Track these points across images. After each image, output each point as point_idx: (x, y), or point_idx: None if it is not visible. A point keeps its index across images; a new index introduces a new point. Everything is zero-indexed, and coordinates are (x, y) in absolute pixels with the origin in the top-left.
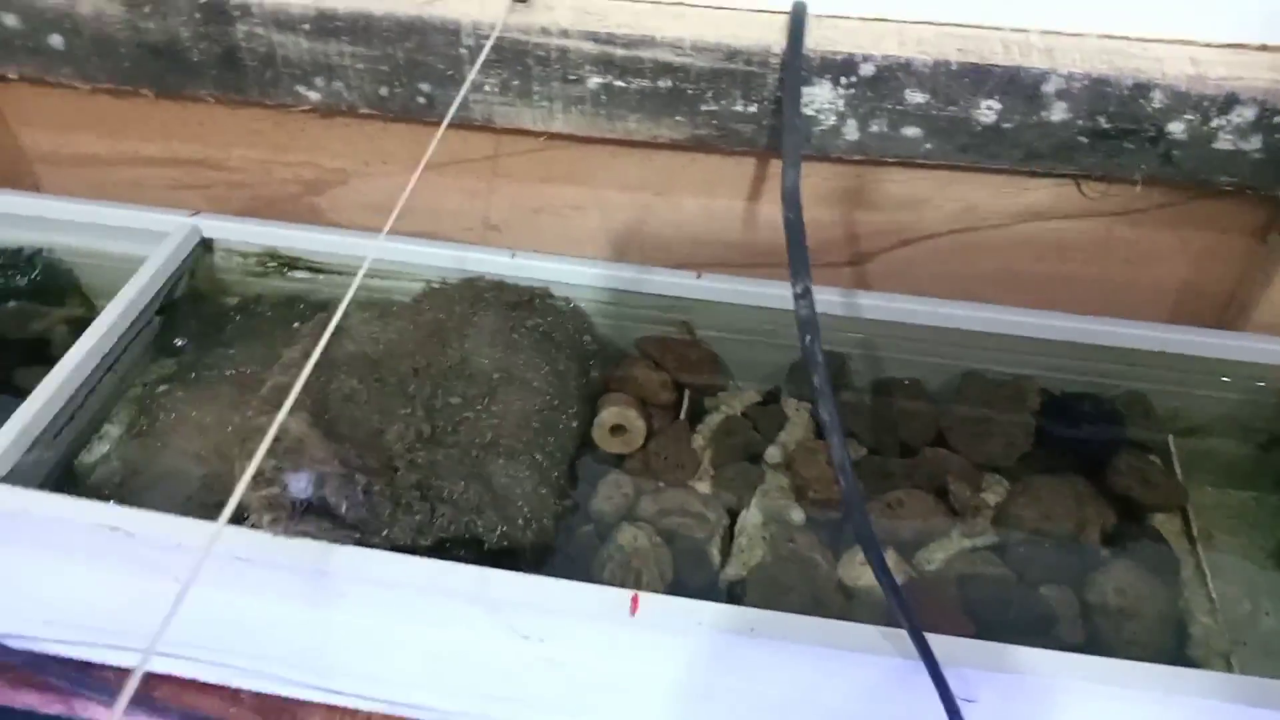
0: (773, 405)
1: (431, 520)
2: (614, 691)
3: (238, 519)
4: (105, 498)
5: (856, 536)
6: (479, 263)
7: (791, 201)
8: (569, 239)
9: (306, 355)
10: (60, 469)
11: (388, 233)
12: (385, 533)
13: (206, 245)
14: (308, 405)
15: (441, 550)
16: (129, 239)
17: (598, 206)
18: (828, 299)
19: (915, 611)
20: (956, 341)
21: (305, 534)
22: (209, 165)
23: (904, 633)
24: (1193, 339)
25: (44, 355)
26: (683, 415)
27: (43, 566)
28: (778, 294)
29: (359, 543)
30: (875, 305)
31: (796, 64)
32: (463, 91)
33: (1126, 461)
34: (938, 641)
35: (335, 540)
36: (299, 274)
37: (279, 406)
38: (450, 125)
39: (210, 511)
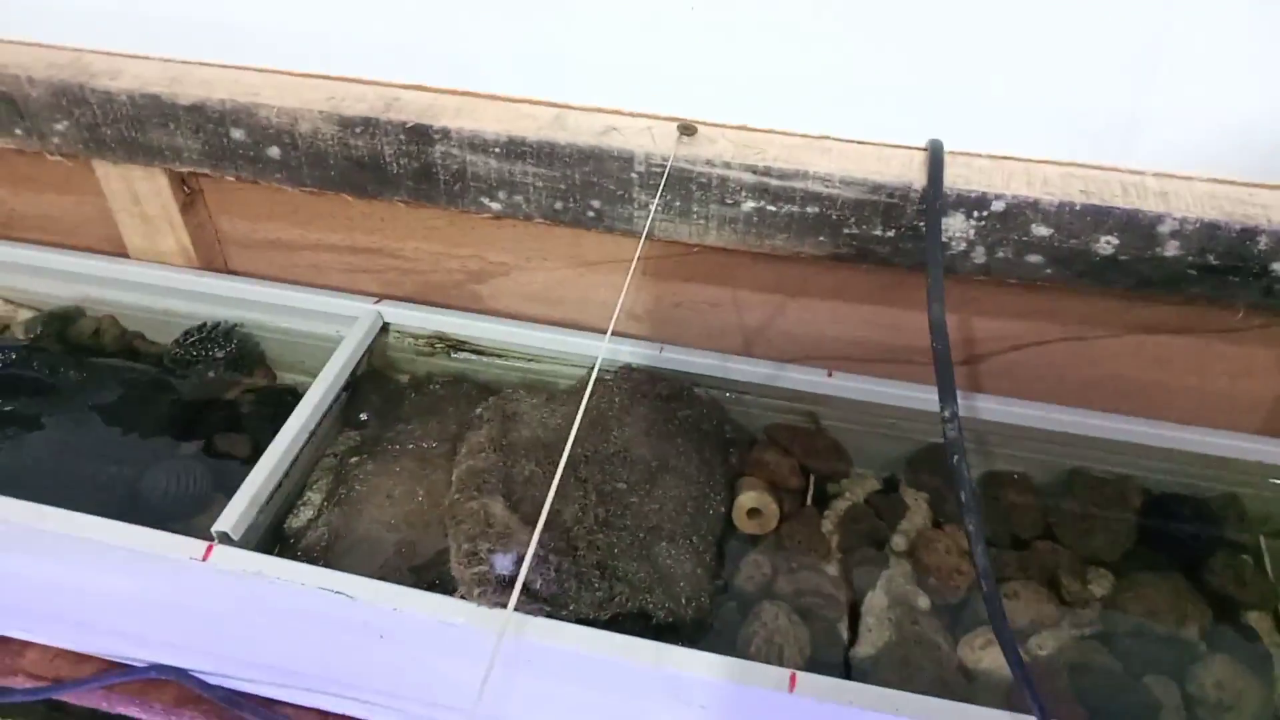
0: (893, 494)
1: (610, 597)
2: None
3: (440, 583)
4: (314, 560)
5: (996, 633)
6: (630, 354)
7: (939, 333)
8: (705, 333)
9: (490, 441)
10: (272, 532)
11: (613, 335)
12: (571, 607)
13: (383, 328)
14: (500, 489)
15: (616, 624)
16: (316, 320)
17: (734, 304)
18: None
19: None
20: (1063, 443)
21: (501, 606)
22: (386, 254)
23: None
24: None
25: (237, 421)
26: (809, 500)
27: (259, 620)
28: (899, 394)
29: (549, 615)
30: (989, 407)
31: (937, 204)
32: (646, 225)
33: (1222, 561)
34: None
35: (530, 613)
36: (463, 355)
37: (480, 490)
38: (611, 232)
39: (403, 576)
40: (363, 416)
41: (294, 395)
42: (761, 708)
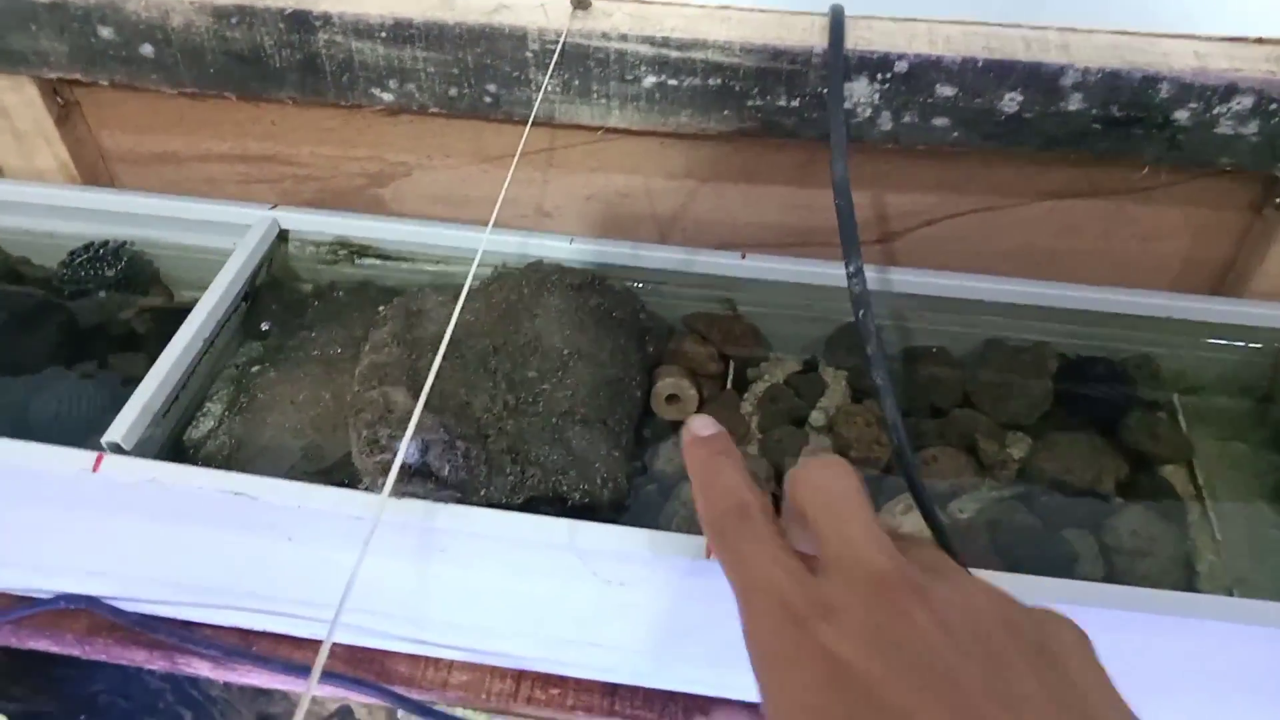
0: (812, 374)
1: (522, 481)
2: (686, 632)
3: (350, 483)
4: (217, 469)
5: (909, 485)
6: (539, 248)
7: (842, 190)
8: (618, 224)
9: (394, 336)
10: (171, 443)
11: (491, 225)
12: (483, 492)
13: (281, 236)
14: (404, 381)
15: (530, 508)
16: (209, 231)
17: (645, 193)
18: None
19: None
20: (978, 312)
21: (413, 495)
22: (280, 161)
23: None
24: (1194, 305)
25: (133, 342)
26: (729, 384)
27: (161, 533)
28: (815, 271)
29: (459, 502)
30: (904, 280)
31: (839, 63)
32: (535, 105)
33: (1137, 419)
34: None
35: (439, 500)
36: (368, 261)
37: (382, 381)
38: (510, 121)
39: (312, 479)
40: (264, 326)
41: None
42: (679, 577)
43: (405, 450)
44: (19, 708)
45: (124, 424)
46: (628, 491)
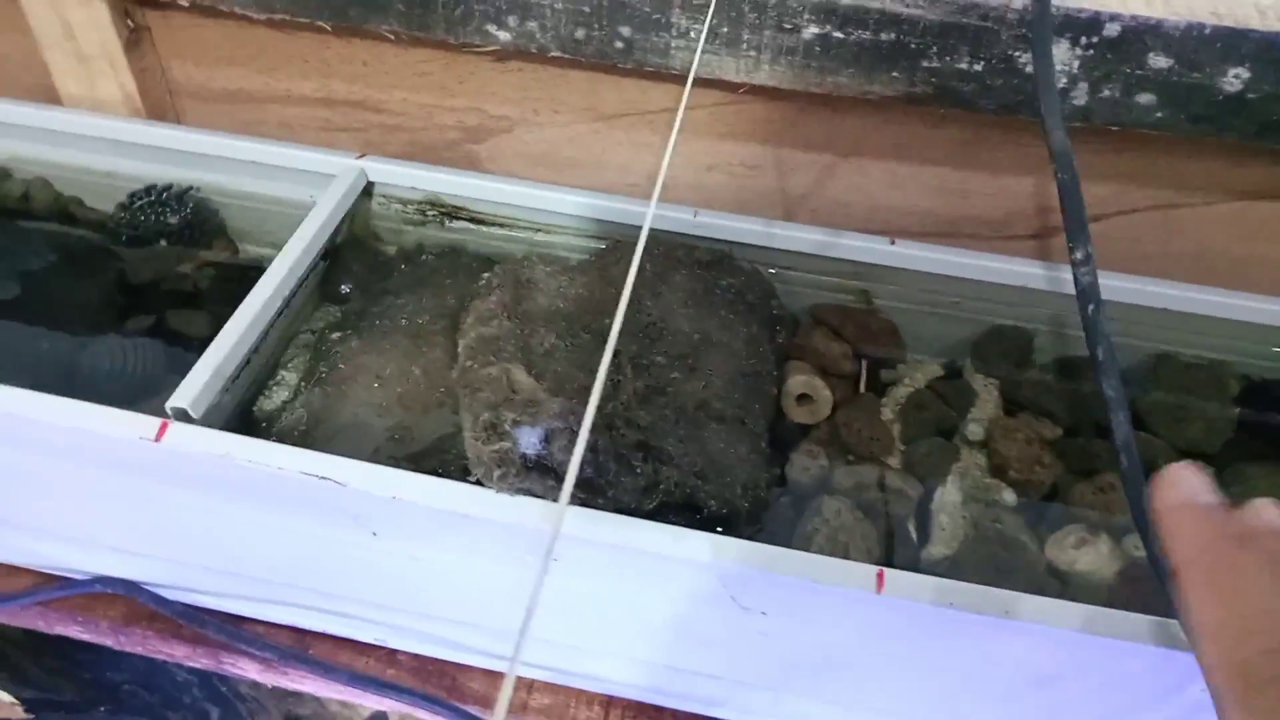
0: (958, 380)
1: (655, 483)
2: (849, 667)
3: (443, 472)
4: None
5: (1135, 520)
6: (660, 219)
7: (1064, 162)
8: (739, 201)
9: (503, 307)
10: (240, 414)
11: (657, 195)
12: (610, 494)
13: (366, 190)
14: (520, 359)
15: (659, 515)
16: (285, 179)
17: (776, 166)
18: (1011, 269)
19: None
20: (1148, 322)
21: (529, 492)
22: (367, 107)
23: (1173, 622)
24: None
25: (195, 298)
26: (863, 387)
27: (222, 514)
28: (970, 264)
29: (582, 503)
30: (1063, 279)
31: (1048, 18)
32: (697, 51)
33: None
34: None
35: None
36: (460, 224)
37: (499, 357)
38: (639, 74)
39: (400, 464)
40: (345, 289)
41: (260, 271)
42: (841, 610)
43: (533, 438)
44: (34, 694)
45: (192, 389)
46: (769, 502)
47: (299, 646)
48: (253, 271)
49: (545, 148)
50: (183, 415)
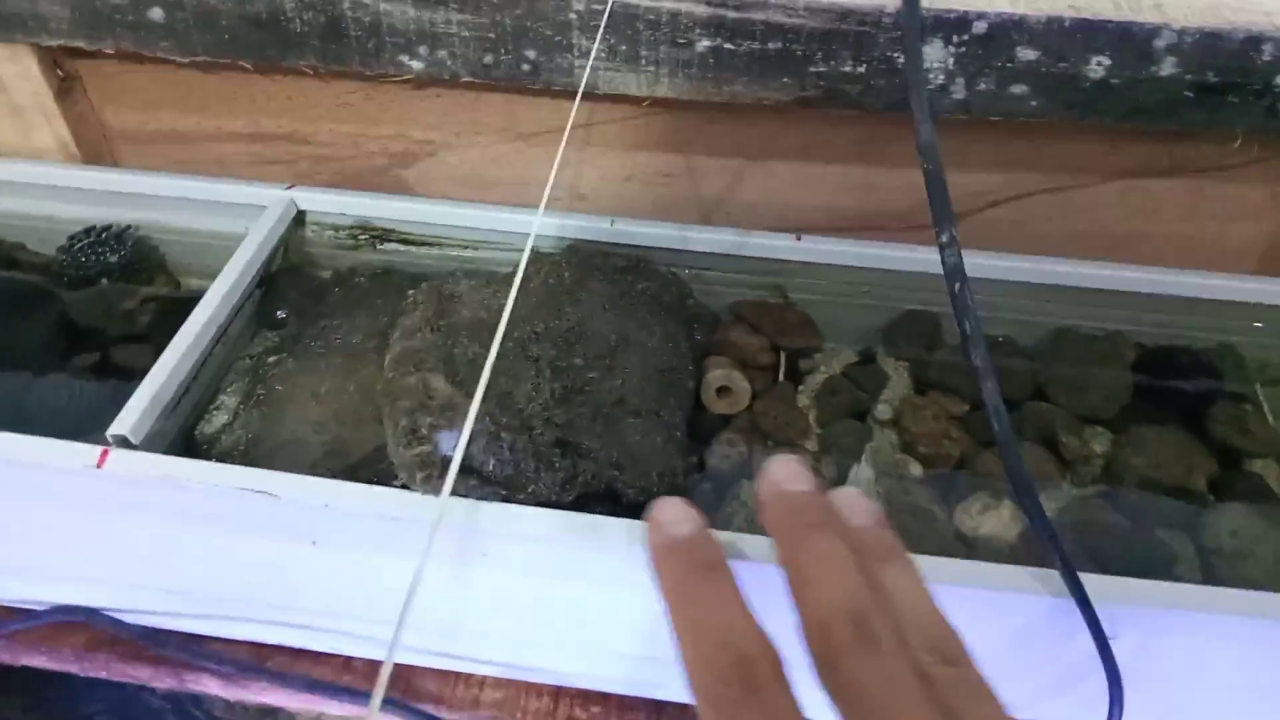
0: (871, 365)
1: (574, 476)
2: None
3: (379, 480)
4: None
5: (1011, 476)
6: (578, 230)
7: (930, 154)
8: (658, 207)
9: (426, 321)
10: (182, 439)
11: (543, 206)
12: (530, 489)
13: (298, 219)
14: (441, 369)
15: (580, 506)
16: (220, 213)
17: (688, 173)
18: (916, 256)
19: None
20: (1045, 299)
21: (455, 493)
22: (297, 139)
23: (1053, 572)
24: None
25: (137, 333)
26: (781, 376)
27: (170, 537)
28: (875, 254)
29: (504, 499)
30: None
31: (918, 19)
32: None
33: (1223, 411)
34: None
35: (485, 497)
36: (391, 246)
37: (418, 367)
38: (548, 94)
39: (336, 476)
40: (280, 314)
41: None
42: (747, 583)
43: (452, 442)
44: (9, 717)
45: (131, 416)
46: (685, 489)
47: (257, 660)
48: (193, 304)
49: (469, 169)
50: (123, 442)
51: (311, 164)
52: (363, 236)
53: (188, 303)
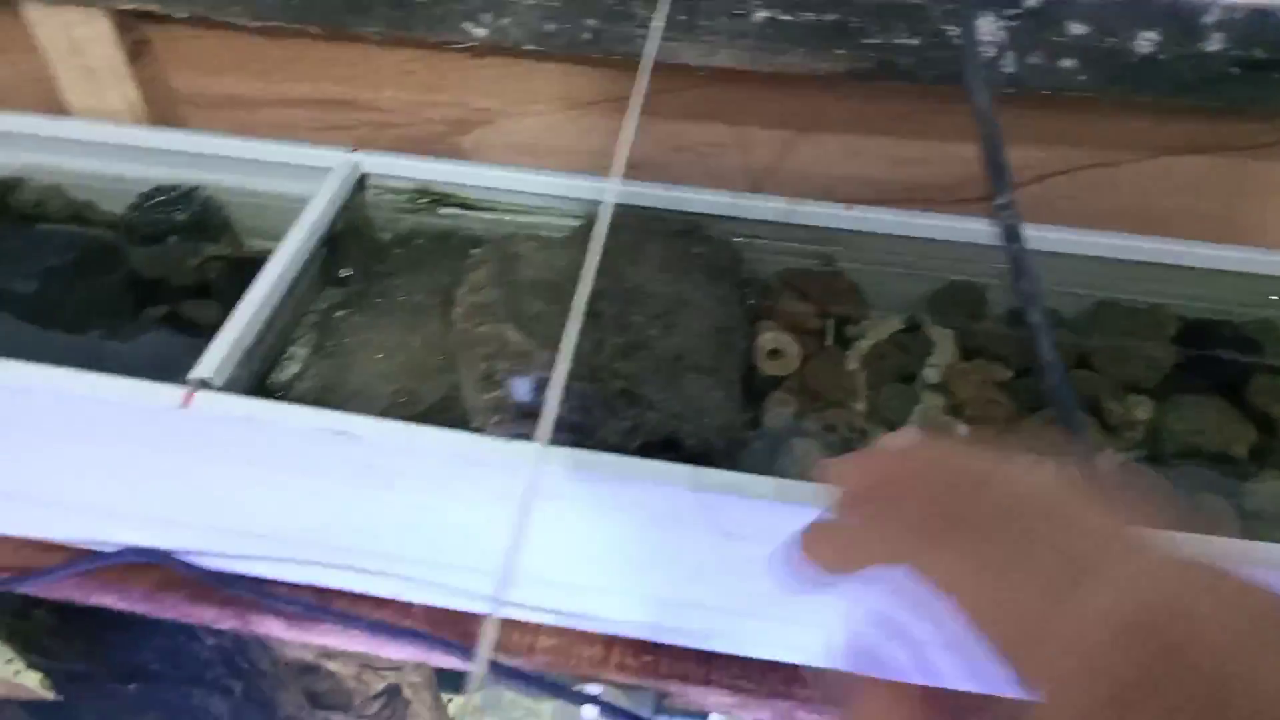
0: (916, 332)
1: (638, 425)
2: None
3: (461, 424)
4: None
5: (1069, 423)
6: (633, 196)
7: (985, 117)
8: (709, 178)
9: (492, 278)
10: (256, 387)
11: (618, 172)
12: (597, 435)
13: (359, 182)
14: (511, 321)
15: (645, 453)
16: (285, 176)
17: (739, 144)
18: (961, 227)
19: None
20: (1088, 272)
21: (523, 436)
22: (358, 106)
23: None
24: None
25: (202, 288)
26: (829, 342)
27: (246, 478)
28: (923, 224)
29: (574, 445)
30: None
31: None
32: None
33: (1263, 383)
34: None
35: (556, 443)
36: (449, 210)
37: (493, 318)
38: (606, 64)
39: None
40: (345, 273)
41: (263, 261)
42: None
43: (525, 387)
44: (65, 675)
45: (214, 360)
46: (742, 442)
47: (321, 602)
48: (257, 262)
49: (525, 137)
50: (205, 385)
51: (372, 130)
52: (422, 200)
53: (251, 260)
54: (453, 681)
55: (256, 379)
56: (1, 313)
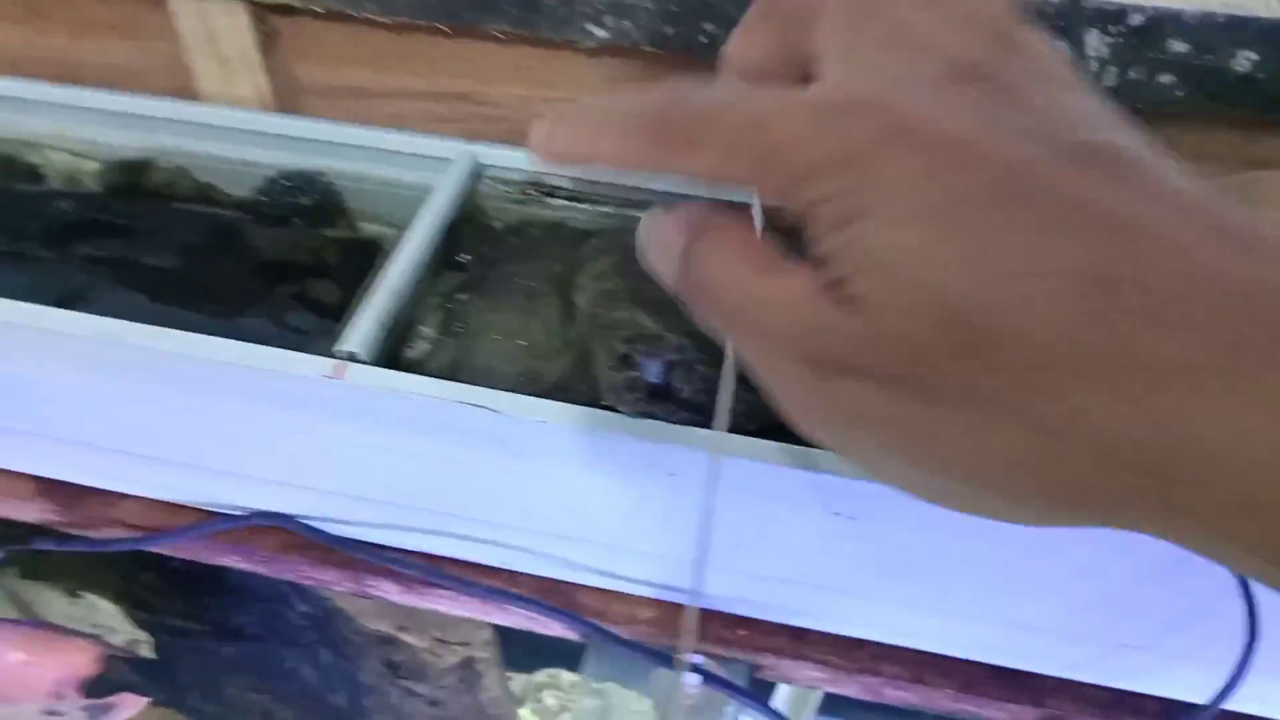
0: None
1: (754, 408)
2: (904, 572)
3: (590, 401)
4: None
5: None
6: (742, 191)
7: None
8: None
9: (615, 267)
10: (391, 362)
11: None
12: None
13: (474, 173)
14: (644, 305)
15: (761, 435)
16: (398, 164)
17: None
18: None
19: None
20: None
21: (653, 415)
22: (472, 100)
23: None
24: None
25: (323, 269)
26: None
27: (377, 447)
28: None
29: (693, 424)
30: None
31: (1082, 9)
32: None
33: None
34: None
35: (679, 422)
36: (557, 202)
37: (628, 301)
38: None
39: None
40: (463, 258)
41: (377, 247)
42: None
43: (657, 369)
44: (169, 628)
45: (359, 335)
46: None
47: (435, 566)
48: (372, 246)
49: None
50: (351, 358)
51: (482, 123)
52: (532, 191)
53: (366, 244)
54: (515, 660)
55: (392, 355)
56: (147, 285)
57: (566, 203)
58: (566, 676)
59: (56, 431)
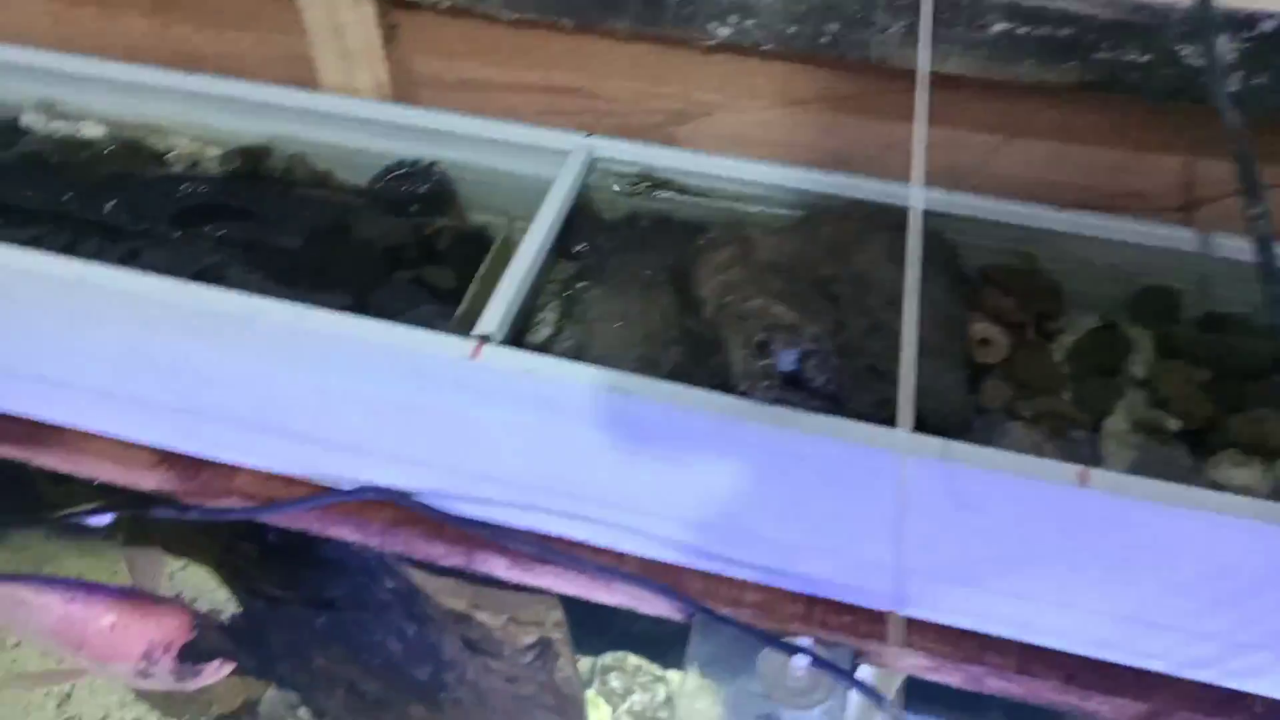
0: (1114, 331)
1: (884, 400)
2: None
3: (722, 386)
4: None
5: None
6: (854, 189)
7: (1239, 136)
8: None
9: (734, 259)
10: (518, 344)
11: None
12: (848, 405)
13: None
14: (774, 296)
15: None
16: (512, 155)
17: (948, 144)
18: (1159, 234)
19: None
20: None
21: (787, 402)
22: (584, 94)
23: None
24: None
25: (438, 256)
26: (1031, 335)
27: (505, 425)
28: (1127, 229)
29: (824, 412)
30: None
31: (1215, 14)
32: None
33: None
34: None
35: (811, 410)
36: (665, 194)
37: (758, 293)
38: (833, 65)
39: None
40: (578, 248)
41: (488, 235)
42: (1049, 504)
43: (791, 357)
44: (265, 597)
45: (494, 317)
46: (969, 423)
47: (543, 542)
48: (484, 234)
49: (737, 129)
50: (486, 340)
51: (593, 117)
52: (642, 184)
53: (477, 232)
54: (582, 644)
55: (518, 338)
56: (271, 266)
57: (676, 195)
58: (632, 660)
59: (181, 403)
